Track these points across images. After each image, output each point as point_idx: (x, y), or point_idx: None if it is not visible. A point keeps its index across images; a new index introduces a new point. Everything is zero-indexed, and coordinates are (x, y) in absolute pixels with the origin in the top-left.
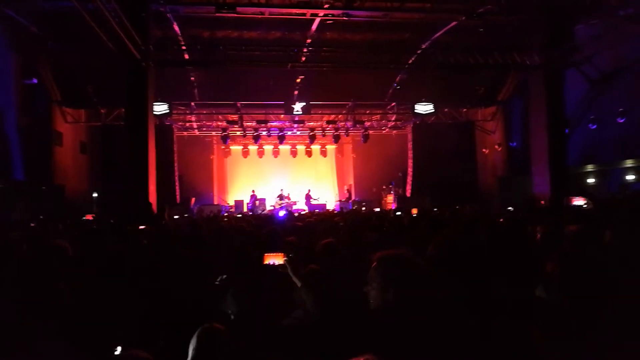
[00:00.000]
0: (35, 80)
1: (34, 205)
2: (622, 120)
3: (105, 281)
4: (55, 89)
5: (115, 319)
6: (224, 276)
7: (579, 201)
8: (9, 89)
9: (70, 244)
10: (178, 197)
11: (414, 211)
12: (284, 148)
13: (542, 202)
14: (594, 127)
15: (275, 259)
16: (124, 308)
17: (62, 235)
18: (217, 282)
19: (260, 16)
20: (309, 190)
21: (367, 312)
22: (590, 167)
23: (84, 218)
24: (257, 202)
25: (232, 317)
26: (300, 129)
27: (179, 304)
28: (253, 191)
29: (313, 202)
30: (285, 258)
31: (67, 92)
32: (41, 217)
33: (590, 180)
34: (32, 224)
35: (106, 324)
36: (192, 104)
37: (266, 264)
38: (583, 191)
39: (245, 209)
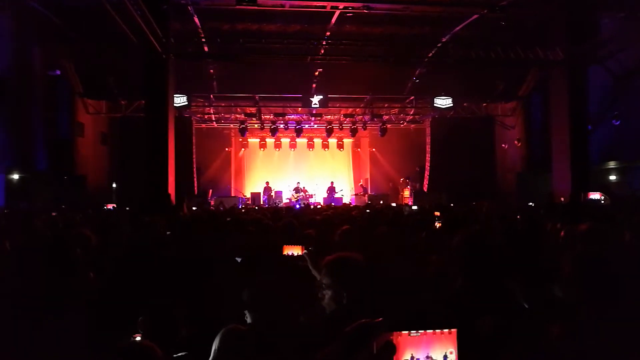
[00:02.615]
0: (58, 72)
1: (56, 195)
2: None
3: (127, 271)
4: (77, 80)
5: (137, 308)
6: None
7: (595, 195)
8: (33, 81)
9: (91, 233)
10: (196, 188)
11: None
12: (301, 141)
13: (562, 198)
14: (617, 123)
15: (294, 250)
16: (146, 298)
17: (81, 225)
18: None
19: (280, 9)
20: (332, 183)
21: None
22: (612, 164)
23: (105, 207)
24: (274, 194)
25: (248, 318)
26: (318, 122)
27: (202, 297)
28: (267, 183)
29: (337, 195)
30: (304, 251)
31: (88, 83)
32: (63, 206)
33: (612, 178)
34: (54, 214)
35: (127, 313)
36: (211, 96)
37: (285, 255)
38: (601, 186)
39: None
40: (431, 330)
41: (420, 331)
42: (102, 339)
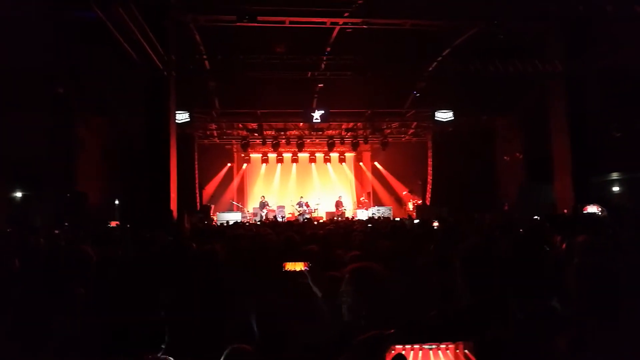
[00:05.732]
0: (59, 88)
1: (58, 212)
2: None
3: (127, 287)
4: (79, 96)
5: (137, 326)
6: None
7: (592, 208)
8: (34, 97)
9: (92, 249)
10: (198, 204)
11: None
12: (303, 155)
13: (565, 210)
14: (619, 134)
15: (295, 267)
16: (146, 315)
17: (83, 242)
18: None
19: (280, 25)
20: (340, 197)
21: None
22: (615, 176)
23: (109, 225)
24: (276, 209)
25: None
26: (319, 136)
27: (204, 314)
28: (262, 197)
29: (343, 209)
30: (305, 267)
31: (90, 99)
32: (66, 223)
33: (615, 189)
34: (57, 231)
35: (126, 330)
36: (213, 112)
37: (286, 271)
38: (599, 199)
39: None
40: (444, 344)
41: (433, 344)
42: (98, 356)
